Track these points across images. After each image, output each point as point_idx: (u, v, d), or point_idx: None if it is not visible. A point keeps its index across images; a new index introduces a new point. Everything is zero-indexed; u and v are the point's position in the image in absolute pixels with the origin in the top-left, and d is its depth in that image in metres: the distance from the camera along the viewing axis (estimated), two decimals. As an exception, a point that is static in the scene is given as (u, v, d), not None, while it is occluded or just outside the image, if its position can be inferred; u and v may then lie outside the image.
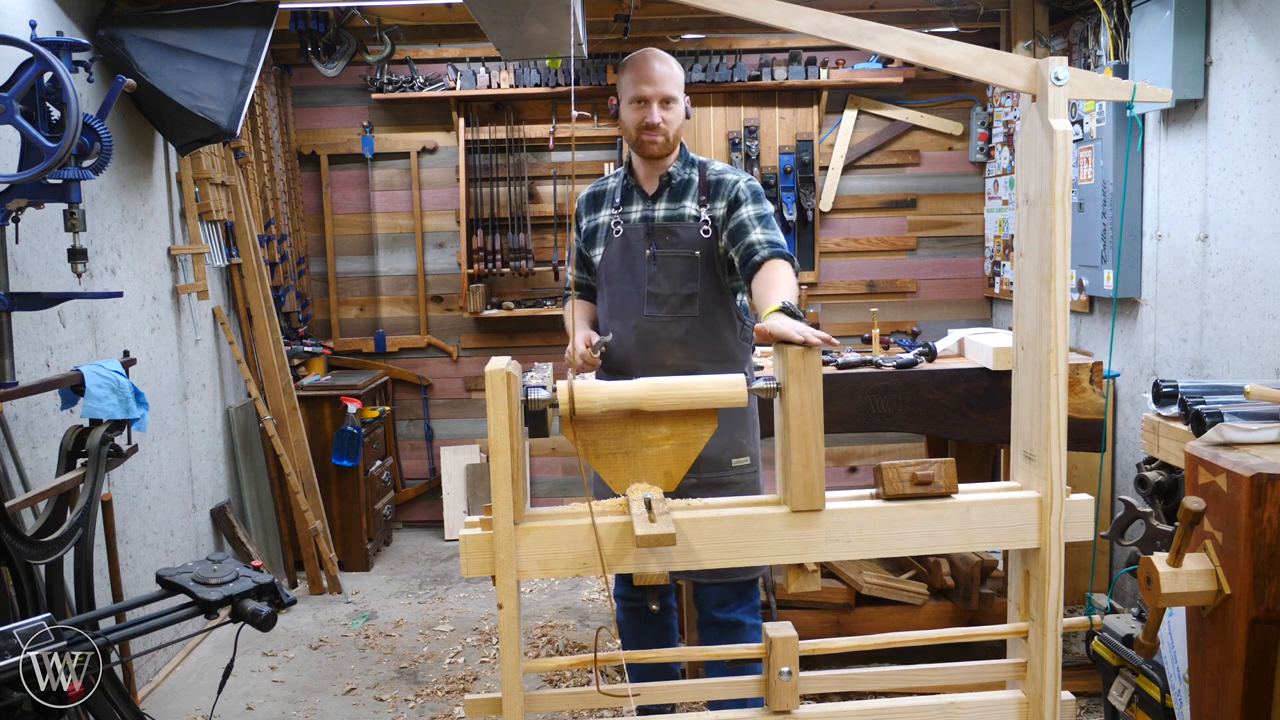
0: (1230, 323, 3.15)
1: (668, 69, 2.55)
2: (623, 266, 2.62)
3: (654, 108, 2.52)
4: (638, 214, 2.63)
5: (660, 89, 2.52)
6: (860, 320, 5.24)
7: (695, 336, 2.57)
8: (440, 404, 5.49)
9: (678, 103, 2.56)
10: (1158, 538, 2.17)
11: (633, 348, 2.59)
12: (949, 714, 1.77)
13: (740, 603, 2.69)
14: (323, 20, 4.34)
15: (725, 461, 2.60)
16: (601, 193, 2.74)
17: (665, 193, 2.62)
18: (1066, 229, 1.69)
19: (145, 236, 3.73)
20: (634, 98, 2.54)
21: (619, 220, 2.64)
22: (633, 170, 2.67)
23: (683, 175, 2.63)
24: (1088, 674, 3.15)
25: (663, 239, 2.57)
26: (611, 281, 2.65)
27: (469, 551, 1.67)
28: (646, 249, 2.58)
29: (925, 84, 5.19)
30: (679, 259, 2.56)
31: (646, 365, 2.52)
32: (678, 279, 2.56)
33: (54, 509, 2.59)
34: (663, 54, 2.58)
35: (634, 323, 2.59)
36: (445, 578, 4.72)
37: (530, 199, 5.24)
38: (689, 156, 2.67)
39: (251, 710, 3.41)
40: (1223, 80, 3.15)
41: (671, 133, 2.56)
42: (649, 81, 2.52)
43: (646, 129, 2.53)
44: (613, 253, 2.64)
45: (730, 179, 2.60)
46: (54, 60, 2.48)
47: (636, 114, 2.54)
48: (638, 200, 2.65)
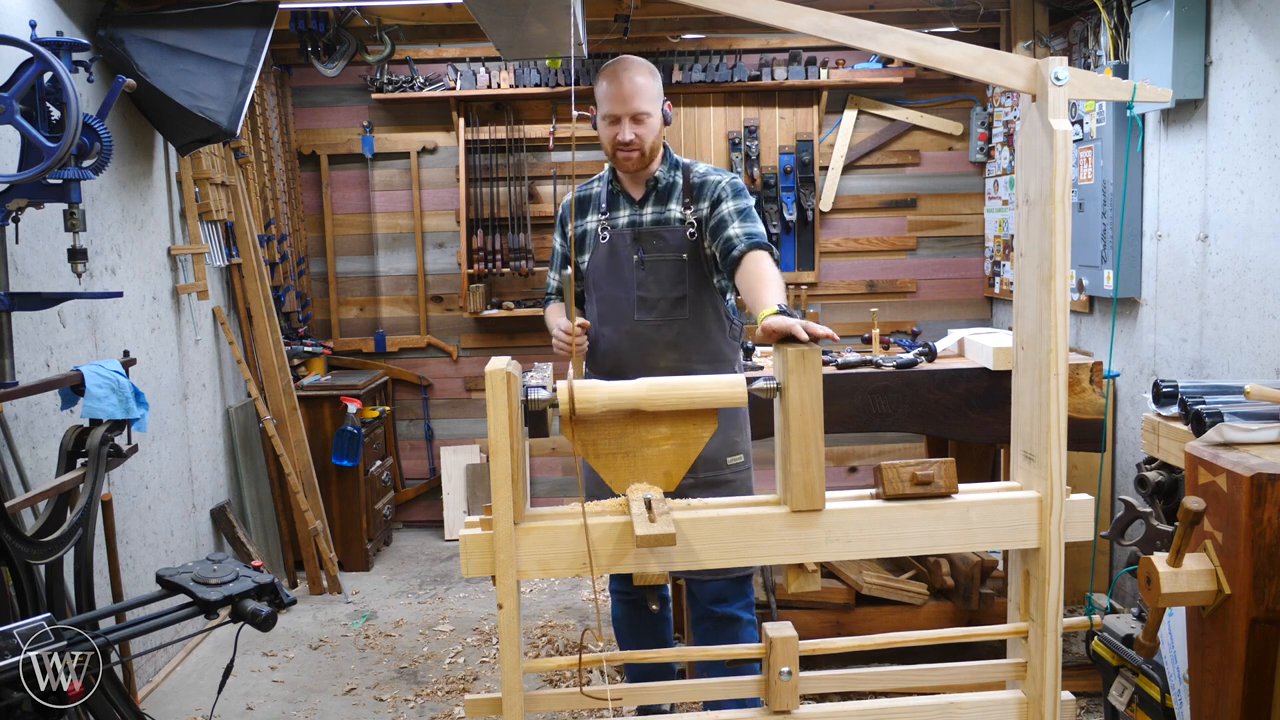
0: (1230, 323, 3.15)
1: (641, 82, 2.52)
2: (610, 272, 2.62)
3: (625, 125, 2.51)
4: (624, 219, 2.64)
5: (630, 106, 2.50)
6: (860, 320, 5.24)
7: (686, 338, 2.58)
8: (440, 404, 5.48)
9: (652, 116, 2.53)
10: (1158, 538, 2.17)
11: (626, 352, 2.60)
12: (949, 714, 1.77)
13: (737, 598, 2.70)
14: (323, 20, 4.34)
15: (721, 460, 2.62)
16: (587, 198, 2.73)
17: (652, 197, 2.63)
18: (1066, 229, 1.69)
19: (145, 236, 3.73)
20: (606, 114, 2.54)
21: (605, 226, 2.64)
22: (617, 176, 2.67)
23: (668, 179, 2.63)
24: (1088, 674, 3.15)
25: (650, 243, 2.58)
26: (600, 287, 2.65)
27: (469, 551, 1.67)
28: (634, 254, 2.59)
29: (925, 84, 5.19)
30: (667, 262, 2.57)
31: (640, 369, 2.50)
32: (667, 282, 2.57)
33: (54, 509, 2.59)
34: (636, 64, 2.54)
35: (625, 328, 2.60)
36: (445, 578, 4.72)
37: (530, 199, 5.24)
38: (674, 159, 2.66)
39: (251, 710, 3.41)
40: (1223, 80, 3.15)
41: (646, 147, 2.55)
42: (620, 100, 2.51)
43: (620, 146, 2.54)
44: (599, 259, 2.65)
45: (713, 179, 2.60)
46: (54, 60, 2.48)
47: (610, 130, 2.55)
48: (624, 205, 2.65)
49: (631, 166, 2.58)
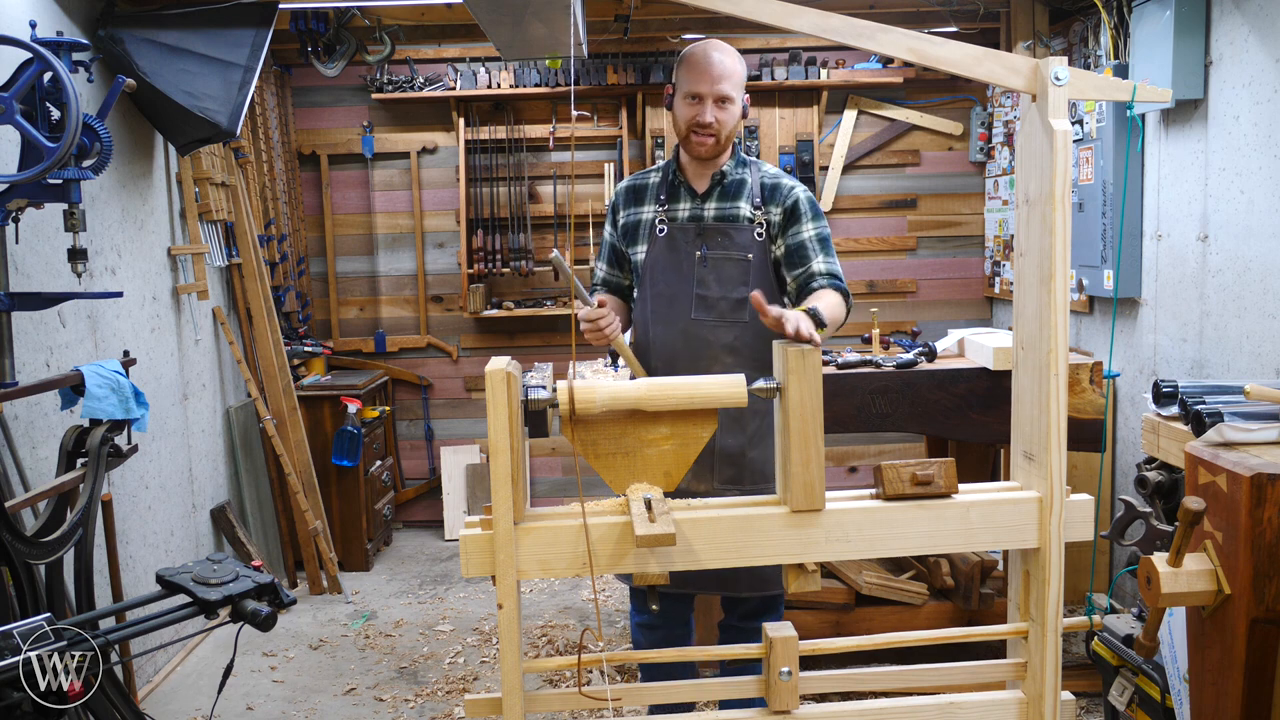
0: (1230, 323, 3.15)
1: (731, 65, 2.40)
2: (669, 267, 2.48)
3: (708, 106, 2.38)
4: (686, 212, 2.50)
5: (716, 87, 2.38)
6: (860, 320, 5.23)
7: (745, 343, 2.44)
8: (440, 404, 5.48)
9: (734, 103, 2.41)
10: (1158, 538, 2.17)
11: (679, 351, 2.46)
12: (949, 714, 1.77)
13: (770, 616, 2.59)
14: (323, 20, 4.34)
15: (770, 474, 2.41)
16: (643, 186, 2.58)
17: (716, 192, 2.49)
18: (1066, 229, 1.69)
19: (145, 236, 3.73)
20: (688, 93, 2.41)
21: (664, 218, 2.50)
22: (681, 166, 2.54)
23: (736, 175, 2.50)
24: (1088, 674, 3.15)
25: (714, 240, 2.45)
26: (656, 282, 2.50)
27: (469, 551, 1.66)
28: (696, 250, 2.45)
29: (925, 84, 5.19)
30: (731, 262, 2.44)
31: (693, 370, 2.39)
32: (729, 282, 2.44)
33: (54, 509, 2.59)
34: (726, 47, 2.43)
35: (680, 325, 2.46)
36: (445, 578, 4.72)
37: (530, 199, 5.24)
38: (742, 156, 2.54)
39: (251, 710, 3.41)
40: (1223, 80, 3.15)
41: (724, 134, 2.42)
42: (706, 79, 2.38)
43: (698, 127, 2.40)
44: (657, 252, 2.50)
45: (786, 184, 2.49)
46: (54, 60, 2.48)
47: (689, 110, 2.41)
48: (685, 198, 2.51)
49: (705, 152, 2.44)
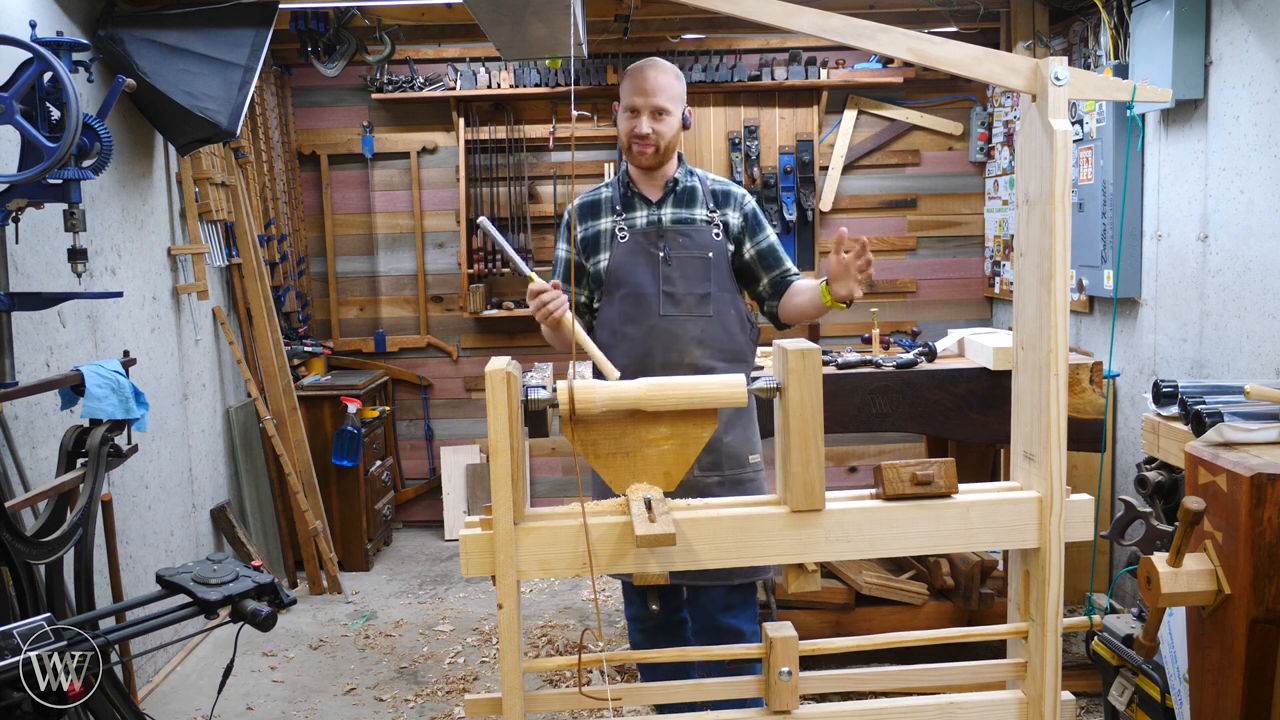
0: (1230, 323, 3.15)
1: (664, 80, 2.58)
2: (634, 269, 2.62)
3: (644, 119, 2.56)
4: (644, 219, 2.66)
5: (651, 100, 2.56)
6: (860, 320, 5.24)
7: (711, 335, 2.60)
8: (440, 404, 5.48)
9: (671, 115, 2.59)
10: (1158, 538, 2.17)
11: (651, 348, 2.59)
12: (949, 714, 1.77)
13: (742, 608, 2.68)
14: (323, 20, 4.34)
15: (744, 458, 2.63)
16: (597, 201, 2.73)
17: (670, 199, 2.66)
18: (1066, 229, 1.69)
19: (145, 236, 3.73)
20: (627, 106, 2.60)
21: (624, 226, 2.65)
22: (632, 179, 2.70)
23: (688, 182, 2.68)
24: (1088, 674, 3.15)
25: (675, 240, 2.61)
26: (623, 284, 2.63)
27: (469, 551, 1.66)
28: (659, 250, 2.61)
29: (925, 84, 5.19)
30: (693, 259, 2.61)
31: (666, 364, 2.55)
32: (693, 279, 2.60)
33: (54, 509, 2.59)
34: (663, 65, 2.61)
35: (650, 323, 2.60)
36: (445, 578, 4.72)
37: (530, 199, 5.24)
38: (688, 166, 2.73)
39: (251, 710, 3.41)
40: (1223, 80, 3.15)
41: (663, 144, 2.59)
42: (641, 93, 2.57)
43: (637, 139, 2.58)
44: (621, 255, 2.64)
45: (735, 191, 2.71)
46: (54, 60, 2.48)
47: (628, 123, 2.60)
48: (641, 206, 2.67)
49: (646, 162, 2.61)
